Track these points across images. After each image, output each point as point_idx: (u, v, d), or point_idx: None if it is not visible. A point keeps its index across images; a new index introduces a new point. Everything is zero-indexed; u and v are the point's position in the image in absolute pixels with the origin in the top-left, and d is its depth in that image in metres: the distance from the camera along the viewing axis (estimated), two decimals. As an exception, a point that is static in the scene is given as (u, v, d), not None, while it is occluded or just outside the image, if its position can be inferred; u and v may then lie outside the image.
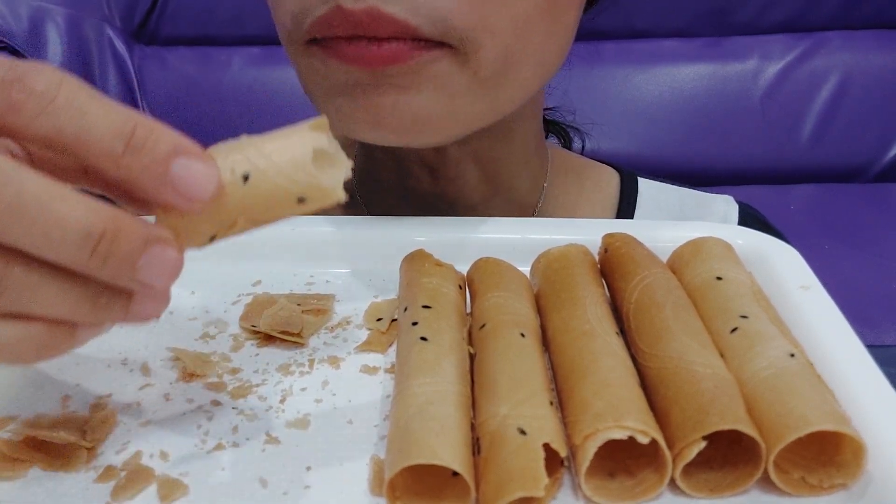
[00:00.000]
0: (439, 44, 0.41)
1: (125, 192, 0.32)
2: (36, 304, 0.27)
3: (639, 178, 0.64)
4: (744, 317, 0.36)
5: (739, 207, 0.63)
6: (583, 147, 0.71)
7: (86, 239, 0.26)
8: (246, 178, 0.28)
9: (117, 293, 0.28)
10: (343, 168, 0.30)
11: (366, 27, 0.40)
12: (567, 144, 0.70)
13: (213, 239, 0.30)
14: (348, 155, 0.44)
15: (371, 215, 0.58)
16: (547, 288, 0.40)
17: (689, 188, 0.65)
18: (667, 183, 0.65)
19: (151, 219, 0.29)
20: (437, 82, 0.42)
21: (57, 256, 0.26)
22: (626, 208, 0.61)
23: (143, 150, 0.27)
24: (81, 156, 0.26)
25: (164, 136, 0.27)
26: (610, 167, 0.65)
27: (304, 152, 0.29)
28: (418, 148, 0.47)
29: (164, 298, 0.30)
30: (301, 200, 0.29)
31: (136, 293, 0.29)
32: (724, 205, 0.63)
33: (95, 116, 0.26)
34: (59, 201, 0.26)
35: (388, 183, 0.57)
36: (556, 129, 0.70)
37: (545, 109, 0.66)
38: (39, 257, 0.26)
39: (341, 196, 0.30)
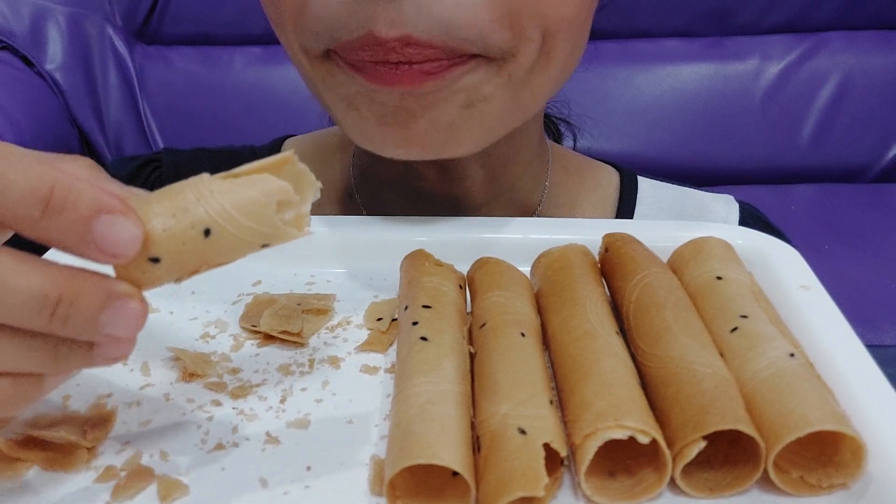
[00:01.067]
0: (475, 55, 0.40)
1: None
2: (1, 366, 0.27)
3: (639, 177, 0.64)
4: (744, 317, 0.36)
5: (740, 207, 0.63)
6: (574, 142, 0.71)
7: (43, 305, 0.26)
8: (207, 232, 0.28)
9: (78, 343, 0.28)
10: (311, 192, 0.30)
11: (398, 52, 0.39)
12: (556, 138, 0.70)
13: (178, 281, 0.30)
14: (347, 153, 0.45)
15: (368, 214, 0.58)
16: (547, 288, 0.40)
17: (690, 187, 0.65)
18: (667, 182, 0.65)
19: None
20: (470, 92, 0.42)
21: (18, 322, 0.26)
22: (625, 207, 0.61)
23: (63, 212, 0.26)
24: (8, 323, 0.26)
25: (84, 196, 0.26)
26: (610, 166, 0.65)
27: (267, 204, 0.29)
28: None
29: (130, 343, 0.30)
30: (264, 245, 0.30)
31: (98, 342, 0.28)
32: (725, 204, 0.63)
33: (9, 179, 0.25)
34: (14, 273, 0.26)
35: (392, 183, 0.57)
36: (546, 121, 0.70)
37: None
38: (3, 324, 0.26)
39: (307, 233, 0.30)
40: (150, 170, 0.65)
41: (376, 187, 0.58)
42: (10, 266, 0.26)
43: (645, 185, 0.63)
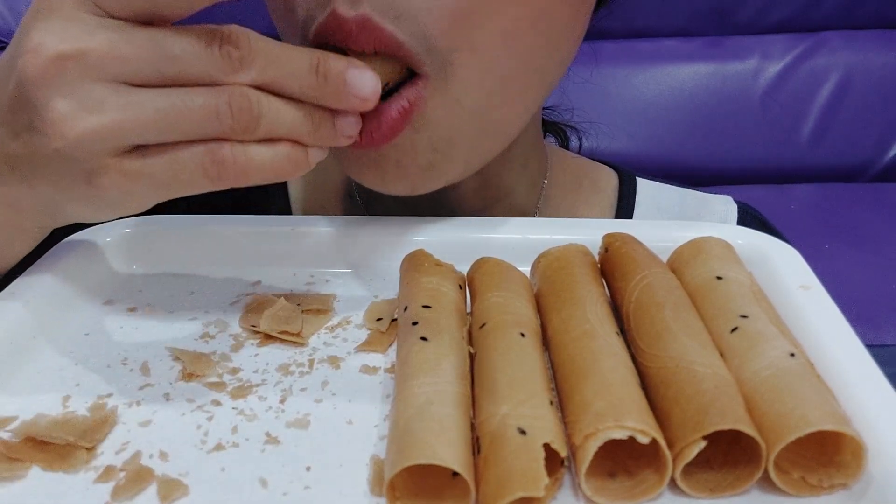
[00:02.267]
0: (416, 76, 0.41)
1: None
2: (281, 128, 0.35)
3: (637, 179, 0.64)
4: (744, 317, 0.36)
5: (738, 207, 0.63)
6: (580, 146, 0.71)
7: (310, 66, 0.35)
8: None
9: (327, 114, 0.37)
10: None
11: (354, 38, 0.40)
12: (564, 144, 0.70)
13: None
14: None
15: (368, 214, 0.58)
16: (547, 288, 0.40)
17: (689, 188, 0.65)
18: (666, 183, 0.65)
19: None
20: (433, 132, 0.43)
21: (295, 85, 0.35)
22: (624, 208, 0.61)
23: (329, 74, 0.35)
24: (286, 90, 0.35)
25: (336, 59, 0.36)
26: (608, 167, 0.65)
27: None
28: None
29: (358, 122, 0.38)
30: None
31: (338, 117, 0.37)
32: (723, 205, 0.63)
33: (293, 59, 0.35)
34: (284, 49, 0.35)
35: None
36: (554, 128, 0.70)
37: (542, 109, 0.66)
38: (282, 92, 0.35)
39: None
40: None
41: (374, 193, 0.58)
42: (279, 47, 0.35)
43: (643, 186, 0.63)
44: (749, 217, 0.63)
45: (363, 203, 0.59)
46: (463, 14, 0.40)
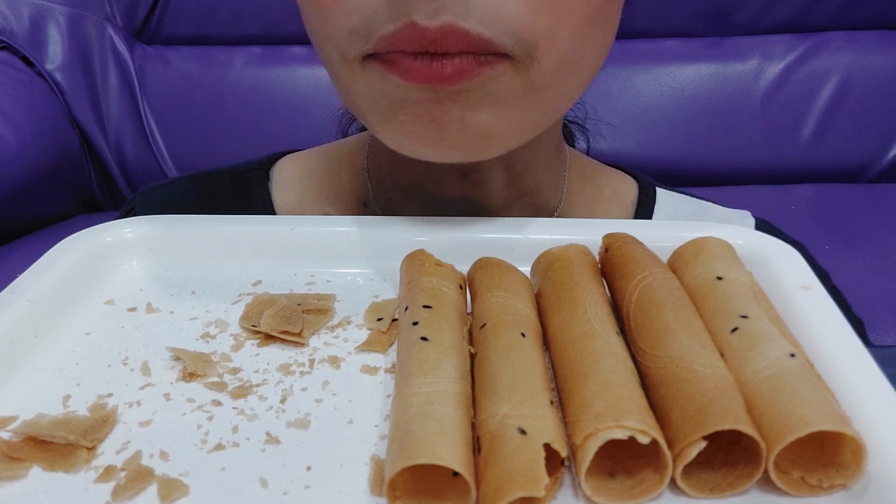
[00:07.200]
0: (501, 55, 0.40)
1: None
2: None
3: (657, 189, 0.63)
4: (744, 317, 0.36)
5: (756, 222, 0.63)
6: (587, 147, 0.71)
7: None
8: None
9: None
10: None
11: (438, 44, 0.39)
12: (569, 141, 0.70)
13: None
14: (357, 163, 0.43)
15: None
16: (547, 288, 0.40)
17: (709, 201, 0.65)
18: (686, 195, 0.64)
19: None
20: (497, 97, 0.42)
21: None
22: (642, 218, 0.61)
23: None
24: None
25: None
26: (628, 175, 0.65)
27: None
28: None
29: None
30: None
31: None
32: (741, 219, 0.63)
33: None
34: None
35: (412, 189, 0.56)
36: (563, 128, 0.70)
37: None
38: None
39: None
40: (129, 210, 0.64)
41: (395, 194, 0.58)
42: None
43: (663, 196, 0.63)
44: (767, 232, 0.63)
45: (380, 210, 0.58)
46: (546, 9, 0.39)
